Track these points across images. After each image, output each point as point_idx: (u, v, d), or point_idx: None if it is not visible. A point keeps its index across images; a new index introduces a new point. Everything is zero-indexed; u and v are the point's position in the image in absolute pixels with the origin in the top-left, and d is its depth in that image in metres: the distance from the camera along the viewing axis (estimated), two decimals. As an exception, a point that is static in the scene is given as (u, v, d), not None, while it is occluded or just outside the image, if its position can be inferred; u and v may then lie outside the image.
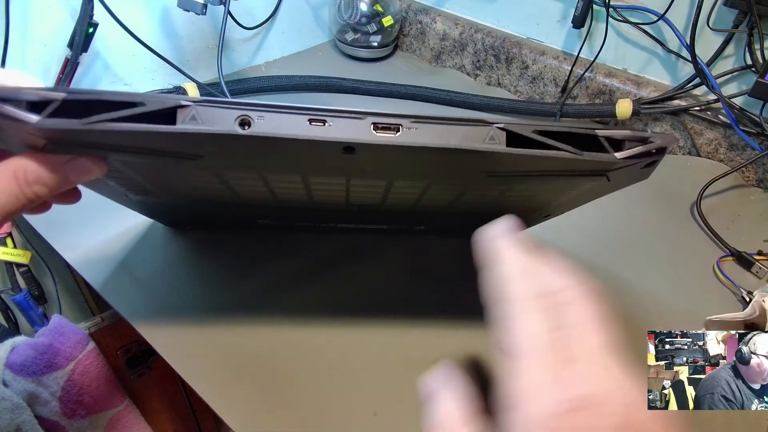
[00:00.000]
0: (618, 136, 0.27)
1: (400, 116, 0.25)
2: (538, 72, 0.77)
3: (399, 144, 0.25)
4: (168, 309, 0.43)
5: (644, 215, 0.57)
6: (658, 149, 0.27)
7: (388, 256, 0.50)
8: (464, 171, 0.29)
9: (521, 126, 0.26)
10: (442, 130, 0.26)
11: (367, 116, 0.25)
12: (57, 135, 0.24)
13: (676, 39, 0.64)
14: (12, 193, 0.25)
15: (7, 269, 0.65)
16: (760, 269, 0.51)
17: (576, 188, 0.33)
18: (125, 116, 0.23)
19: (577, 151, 0.26)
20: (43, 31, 0.59)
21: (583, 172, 0.29)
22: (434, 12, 0.86)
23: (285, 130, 0.24)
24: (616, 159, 0.27)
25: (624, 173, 0.29)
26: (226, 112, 0.24)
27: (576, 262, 0.20)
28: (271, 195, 0.35)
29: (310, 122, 0.25)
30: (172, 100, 0.24)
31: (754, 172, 0.64)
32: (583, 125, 0.27)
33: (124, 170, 0.30)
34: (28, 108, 0.23)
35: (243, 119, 0.24)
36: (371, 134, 0.25)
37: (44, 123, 0.23)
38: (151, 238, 0.50)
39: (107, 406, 0.56)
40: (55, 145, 0.25)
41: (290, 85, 0.76)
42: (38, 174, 0.25)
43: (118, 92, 0.24)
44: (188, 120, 0.24)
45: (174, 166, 0.30)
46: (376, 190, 0.34)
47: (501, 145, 0.26)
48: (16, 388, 0.48)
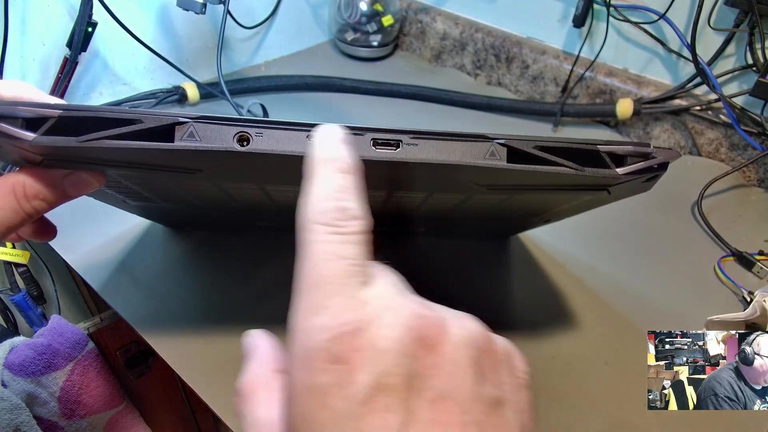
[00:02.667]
0: (620, 152, 0.27)
1: (400, 132, 0.25)
2: (539, 71, 0.77)
3: (398, 160, 0.25)
4: (168, 309, 0.43)
5: (645, 215, 0.57)
6: (660, 164, 0.27)
7: (387, 256, 0.49)
8: (464, 185, 0.29)
9: (522, 142, 0.26)
10: (442, 146, 0.25)
11: (367, 132, 0.25)
12: (54, 152, 0.24)
13: (677, 38, 0.64)
14: (11, 208, 0.25)
15: (6, 269, 0.65)
16: (761, 269, 0.50)
17: (577, 199, 0.33)
18: (122, 134, 0.23)
19: (579, 167, 0.26)
20: (41, 31, 0.59)
21: (585, 186, 0.29)
22: (434, 11, 0.86)
23: (284, 146, 0.24)
24: (618, 174, 0.26)
25: (625, 187, 0.29)
26: (224, 129, 0.24)
27: (576, 262, 0.20)
28: (270, 201, 0.35)
29: (309, 138, 0.24)
30: (170, 117, 0.24)
31: (755, 172, 0.64)
32: (584, 141, 0.26)
33: (122, 181, 0.30)
34: (24, 125, 0.23)
35: (242, 136, 0.24)
36: (371, 150, 0.25)
37: (40, 140, 0.22)
38: (151, 238, 0.49)
39: (106, 406, 0.56)
40: (52, 160, 0.25)
41: (290, 84, 0.76)
42: (37, 189, 0.25)
43: (115, 108, 0.24)
44: (186, 137, 0.24)
45: (173, 179, 0.30)
46: (376, 198, 0.34)
47: (502, 161, 0.25)
48: (15, 389, 0.48)
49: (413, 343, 0.18)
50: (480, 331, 0.20)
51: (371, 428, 0.16)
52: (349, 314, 0.18)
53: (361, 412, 0.16)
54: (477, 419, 0.17)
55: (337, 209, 0.19)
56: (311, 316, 0.18)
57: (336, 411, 0.16)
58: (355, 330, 0.17)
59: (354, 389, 0.16)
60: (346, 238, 0.19)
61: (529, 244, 0.52)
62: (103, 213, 0.47)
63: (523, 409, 0.20)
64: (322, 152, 0.21)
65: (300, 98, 0.75)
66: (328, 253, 0.19)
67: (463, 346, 0.19)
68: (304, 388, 0.17)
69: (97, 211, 0.49)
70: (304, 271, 0.19)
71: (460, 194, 0.32)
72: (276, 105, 0.70)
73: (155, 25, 0.68)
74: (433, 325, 0.19)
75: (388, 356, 0.17)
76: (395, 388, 0.17)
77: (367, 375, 0.17)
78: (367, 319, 0.18)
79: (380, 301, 0.18)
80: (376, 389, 0.16)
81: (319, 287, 0.18)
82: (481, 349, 0.19)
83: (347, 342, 0.17)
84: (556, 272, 0.49)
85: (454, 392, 0.17)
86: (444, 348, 0.18)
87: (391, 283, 0.20)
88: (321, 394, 0.17)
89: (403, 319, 0.18)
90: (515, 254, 0.51)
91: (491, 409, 0.18)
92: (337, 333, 0.17)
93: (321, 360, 0.17)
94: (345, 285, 0.18)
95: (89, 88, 0.66)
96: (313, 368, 0.17)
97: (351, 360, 0.17)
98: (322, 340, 0.17)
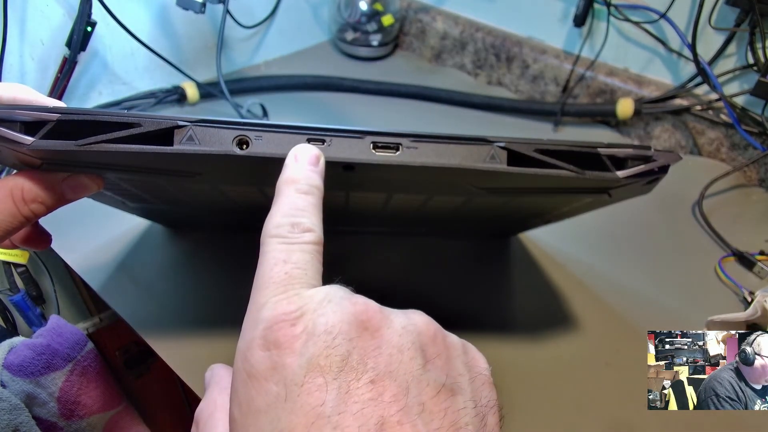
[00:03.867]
0: (621, 154, 0.27)
1: (400, 135, 0.25)
2: (539, 71, 0.77)
3: (398, 163, 0.25)
4: (167, 310, 0.43)
5: (645, 215, 0.57)
6: (661, 168, 0.27)
7: (388, 256, 0.49)
8: (464, 188, 0.29)
9: (522, 145, 0.25)
10: (442, 149, 0.25)
11: (367, 135, 0.25)
12: (52, 156, 0.24)
13: (677, 38, 0.64)
14: (9, 212, 0.25)
15: (4, 270, 0.65)
16: (761, 269, 0.50)
17: (577, 202, 0.33)
18: (121, 137, 0.23)
19: (579, 170, 0.26)
20: (41, 30, 0.59)
21: (585, 189, 0.29)
22: (434, 11, 0.86)
23: (283, 150, 0.24)
24: (619, 178, 0.26)
25: (626, 190, 0.29)
26: (223, 132, 0.24)
27: (576, 262, 0.20)
28: (269, 202, 0.35)
29: (309, 141, 0.24)
30: (169, 120, 0.24)
31: (756, 172, 0.64)
32: (585, 143, 0.26)
33: (121, 184, 0.30)
34: (23, 129, 0.23)
35: (241, 139, 0.24)
36: (371, 153, 0.25)
37: (38, 144, 0.22)
38: (150, 238, 0.49)
39: (106, 407, 0.56)
40: (51, 164, 0.25)
41: (290, 84, 0.76)
42: (35, 193, 0.25)
43: (114, 112, 0.23)
44: (185, 140, 0.24)
45: (172, 182, 0.30)
46: (377, 199, 0.34)
47: (502, 164, 0.25)
48: (13, 389, 0.48)
49: (352, 327, 0.18)
50: (426, 321, 0.20)
51: (305, 407, 0.16)
52: (289, 306, 0.18)
53: (296, 393, 0.17)
54: (421, 401, 0.17)
55: (291, 224, 0.21)
56: (255, 313, 0.19)
57: (271, 394, 0.17)
58: (294, 318, 0.18)
59: (288, 371, 0.17)
60: (293, 247, 0.20)
61: (529, 244, 0.52)
62: (103, 213, 0.47)
63: (486, 405, 0.20)
64: (287, 174, 0.23)
65: (300, 98, 0.75)
66: (276, 259, 0.20)
67: (405, 332, 0.19)
68: (243, 377, 0.18)
69: (96, 211, 0.49)
70: (256, 278, 0.20)
71: (460, 196, 0.32)
72: (276, 105, 0.70)
73: (155, 25, 0.68)
74: (375, 312, 0.19)
75: (323, 338, 0.17)
76: (329, 369, 0.17)
77: (299, 357, 0.17)
78: (307, 309, 0.18)
79: (323, 296, 0.19)
80: (310, 369, 0.17)
81: (265, 287, 0.19)
82: (427, 336, 0.20)
83: (284, 329, 0.18)
84: (556, 272, 0.49)
85: (394, 373, 0.17)
86: (384, 332, 0.18)
87: (338, 287, 0.20)
88: (258, 380, 0.17)
89: (344, 308, 0.18)
90: (515, 254, 0.51)
91: (440, 394, 0.18)
92: (275, 322, 0.18)
93: (257, 347, 0.18)
94: (288, 285, 0.19)
95: (88, 87, 0.66)
96: (251, 356, 0.18)
97: (285, 344, 0.17)
98: (260, 329, 0.18)
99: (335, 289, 0.20)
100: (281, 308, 0.18)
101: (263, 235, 0.21)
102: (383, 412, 0.16)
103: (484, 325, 0.43)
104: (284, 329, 0.18)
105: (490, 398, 0.20)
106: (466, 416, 0.18)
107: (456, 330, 0.20)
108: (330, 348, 0.17)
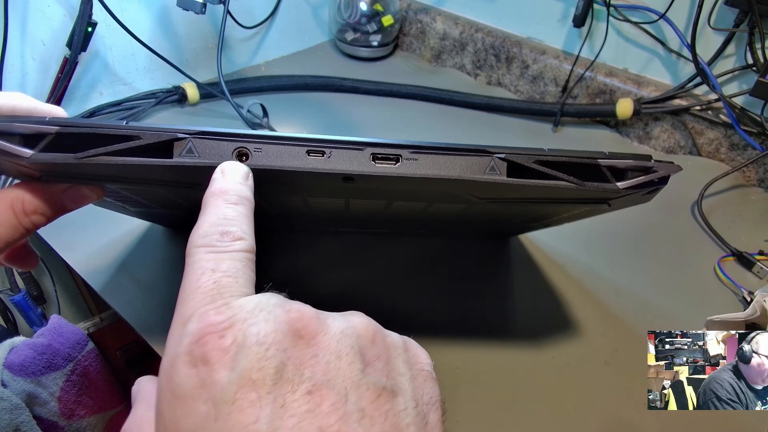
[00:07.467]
0: (620, 165, 0.27)
1: (400, 146, 0.25)
2: (539, 71, 0.77)
3: (398, 175, 0.25)
4: (168, 310, 0.43)
5: (644, 215, 0.57)
6: (661, 179, 0.27)
7: (388, 256, 0.49)
8: (464, 197, 0.29)
9: (522, 156, 0.25)
10: (442, 161, 0.25)
11: (367, 147, 0.25)
12: (52, 168, 0.23)
13: (676, 38, 0.64)
14: (10, 224, 0.24)
15: (6, 270, 0.65)
16: (761, 269, 0.50)
17: (576, 210, 0.33)
18: (120, 150, 0.23)
19: (579, 182, 0.26)
20: (41, 31, 0.59)
21: (585, 200, 0.29)
22: (434, 11, 0.86)
23: (283, 162, 0.24)
24: (618, 189, 0.26)
25: (625, 199, 0.29)
26: (223, 145, 0.24)
27: (575, 262, 0.20)
28: (269, 206, 0.35)
29: (309, 153, 0.24)
30: (168, 133, 0.23)
31: (755, 172, 0.64)
32: (585, 154, 0.26)
33: (121, 192, 0.30)
34: (22, 142, 0.22)
35: (240, 151, 0.24)
36: (371, 165, 0.25)
37: (38, 158, 0.22)
38: (151, 238, 0.49)
39: (106, 406, 0.56)
40: (51, 176, 0.25)
41: (290, 84, 0.76)
42: (36, 204, 0.25)
43: (113, 124, 0.23)
44: (185, 153, 0.24)
45: (172, 191, 0.30)
46: (377, 205, 0.34)
47: (502, 176, 0.25)
48: (14, 389, 0.48)
49: (286, 337, 0.17)
50: (365, 323, 0.20)
51: (238, 426, 0.15)
52: (217, 317, 0.17)
53: (227, 411, 0.16)
54: (360, 407, 0.17)
55: (220, 233, 0.20)
56: (179, 327, 0.18)
57: (200, 414, 0.16)
58: (222, 330, 0.17)
59: (217, 388, 0.16)
60: (222, 255, 0.19)
61: (528, 244, 0.52)
62: (103, 213, 0.47)
63: (428, 401, 0.19)
64: (215, 186, 0.22)
65: (300, 98, 0.75)
66: (203, 268, 0.19)
67: (343, 337, 0.18)
68: (168, 398, 0.17)
69: (97, 212, 0.49)
70: (181, 290, 0.19)
71: (460, 204, 0.32)
72: (276, 105, 0.70)
73: (155, 25, 0.68)
74: (310, 319, 0.18)
75: (254, 351, 0.16)
76: (263, 383, 0.16)
77: (229, 372, 0.16)
78: (237, 320, 0.17)
79: (254, 305, 0.18)
80: (241, 385, 0.16)
81: (191, 299, 0.18)
82: (366, 338, 0.19)
83: (211, 342, 0.16)
84: (556, 272, 0.49)
85: (332, 381, 0.17)
86: (321, 338, 0.18)
87: (271, 294, 0.19)
88: (184, 399, 0.16)
89: (277, 316, 0.18)
90: (514, 254, 0.51)
91: (379, 398, 0.17)
92: (202, 335, 0.17)
93: (183, 364, 0.17)
94: (217, 294, 0.18)
95: (89, 88, 0.66)
96: (175, 375, 0.16)
97: (213, 359, 0.16)
98: (185, 344, 0.17)
99: (268, 297, 0.19)
100: (208, 319, 0.17)
101: (189, 246, 0.20)
102: (321, 422, 0.16)
103: (484, 325, 0.43)
104: (212, 342, 0.16)
105: (432, 395, 0.20)
106: (407, 417, 0.18)
107: (456, 330, 0.20)
108: (263, 360, 0.16)
